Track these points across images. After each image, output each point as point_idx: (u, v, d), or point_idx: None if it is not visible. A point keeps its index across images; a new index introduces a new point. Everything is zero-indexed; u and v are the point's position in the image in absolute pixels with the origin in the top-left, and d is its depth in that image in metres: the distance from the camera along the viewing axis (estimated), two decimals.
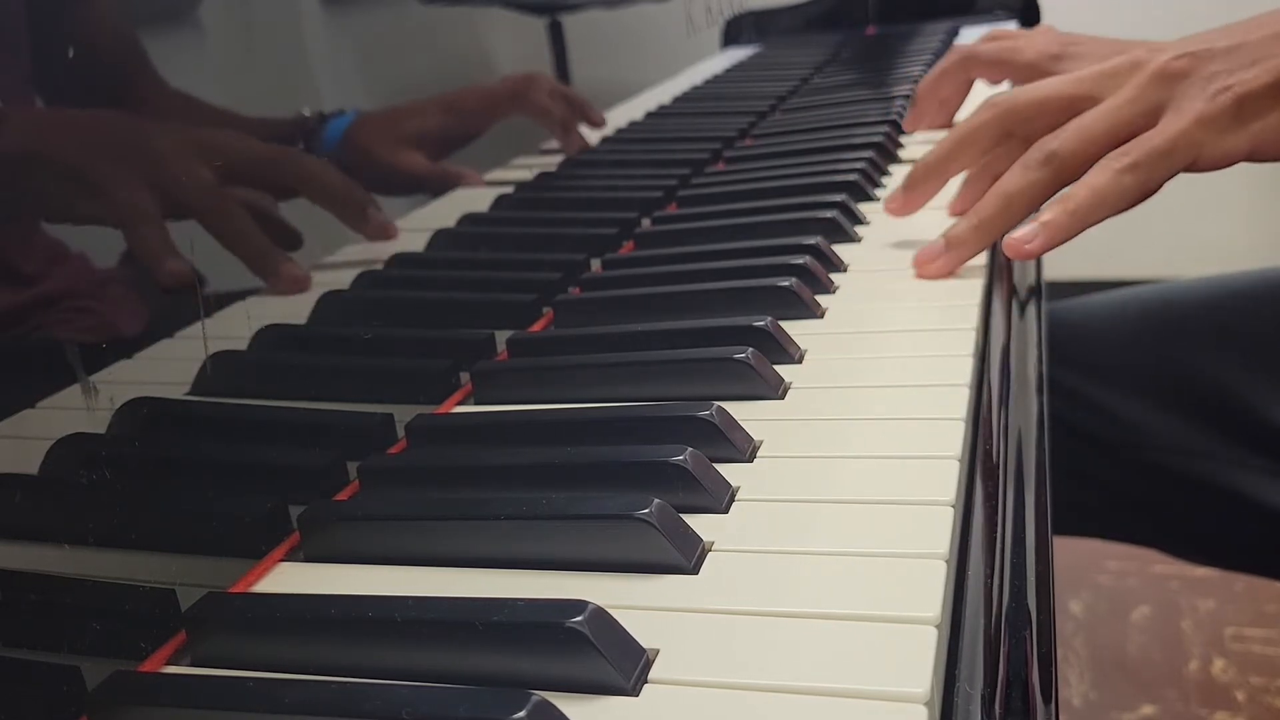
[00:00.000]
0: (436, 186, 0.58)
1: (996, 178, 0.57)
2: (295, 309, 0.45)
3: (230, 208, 0.40)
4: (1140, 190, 0.49)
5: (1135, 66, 0.52)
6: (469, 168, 0.62)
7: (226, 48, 0.44)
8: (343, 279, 0.49)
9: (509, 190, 0.64)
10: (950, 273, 0.53)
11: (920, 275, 0.54)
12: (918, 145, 0.85)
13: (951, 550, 0.32)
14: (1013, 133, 0.56)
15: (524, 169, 0.68)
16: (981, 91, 0.85)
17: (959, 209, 0.60)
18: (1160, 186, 0.50)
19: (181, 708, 0.28)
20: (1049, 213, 0.49)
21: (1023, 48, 0.82)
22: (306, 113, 0.47)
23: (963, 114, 0.87)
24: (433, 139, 0.59)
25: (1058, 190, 0.51)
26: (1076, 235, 0.49)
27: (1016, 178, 0.52)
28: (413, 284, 0.54)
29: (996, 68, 0.83)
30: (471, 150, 0.63)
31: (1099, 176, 0.49)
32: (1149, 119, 0.51)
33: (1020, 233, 0.50)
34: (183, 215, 0.38)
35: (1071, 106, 0.54)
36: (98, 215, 0.35)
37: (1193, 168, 0.50)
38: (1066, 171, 0.51)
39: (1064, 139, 0.51)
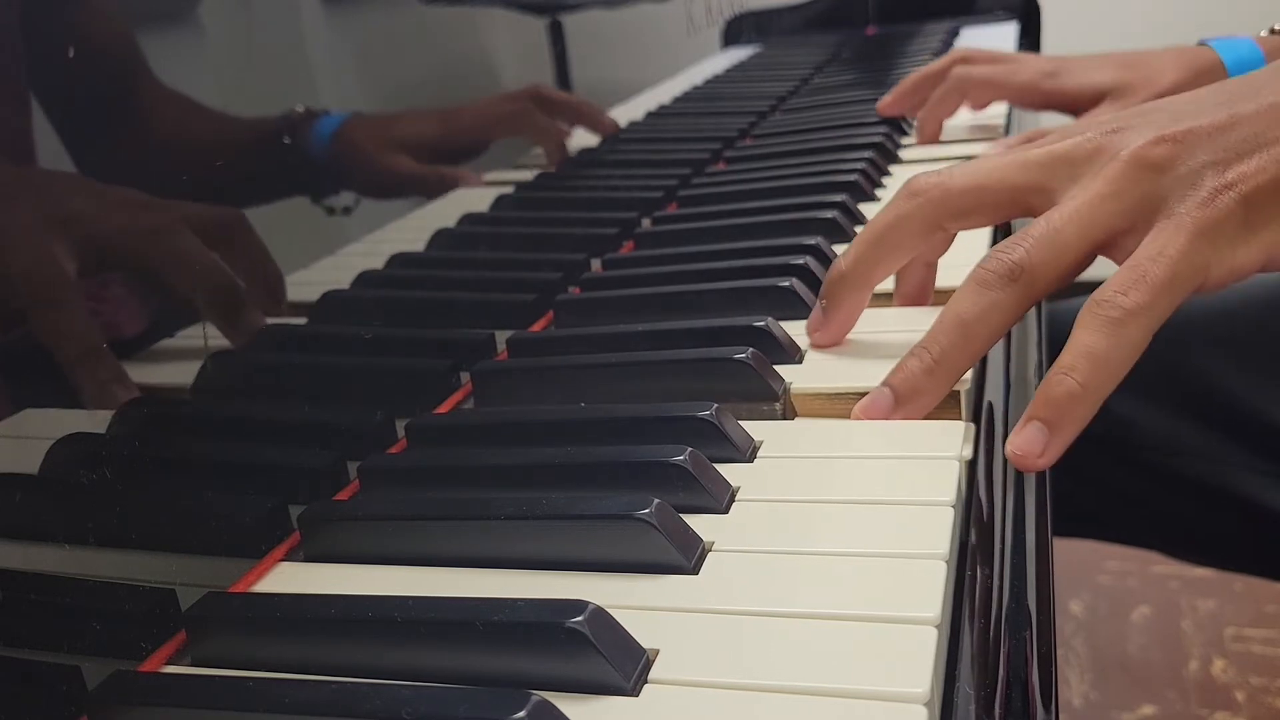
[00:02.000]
0: (434, 189, 0.58)
1: (930, 264, 0.49)
2: (295, 309, 0.45)
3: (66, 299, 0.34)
4: (1147, 336, 0.38)
5: (1097, 152, 0.42)
6: (470, 168, 0.62)
7: (226, 48, 0.44)
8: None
9: (509, 190, 0.64)
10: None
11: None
12: (918, 146, 0.85)
13: (951, 550, 0.32)
14: (944, 228, 0.45)
15: (524, 169, 0.68)
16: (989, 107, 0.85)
17: (900, 304, 0.50)
18: (1163, 322, 0.39)
19: (181, 708, 0.28)
20: (1048, 405, 0.38)
21: (1017, 69, 0.82)
22: (299, 108, 0.47)
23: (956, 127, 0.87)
24: (425, 149, 0.57)
25: (1025, 311, 0.41)
26: (1091, 417, 0.38)
27: (976, 299, 0.40)
28: (413, 284, 0.54)
29: (990, 89, 0.83)
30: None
31: (1096, 336, 0.38)
32: (1130, 220, 0.40)
33: (1025, 443, 0.37)
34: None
35: (1017, 200, 0.43)
36: None
37: (1200, 291, 0.39)
38: (1036, 290, 0.40)
39: (1032, 249, 0.40)
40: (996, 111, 0.90)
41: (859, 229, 0.63)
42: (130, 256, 0.38)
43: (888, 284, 0.52)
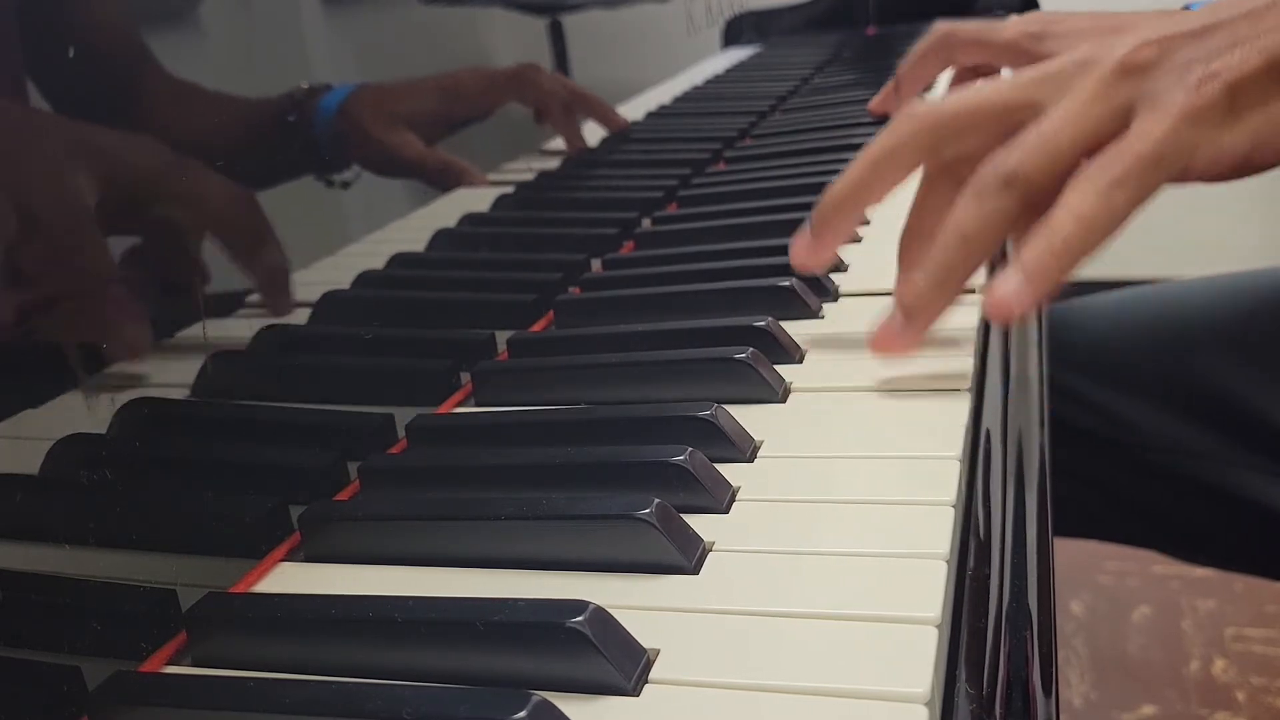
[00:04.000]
0: (436, 177, 0.57)
1: (931, 235, 0.47)
2: (295, 309, 0.45)
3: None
4: (1132, 208, 0.40)
5: (1085, 64, 0.42)
6: (473, 165, 0.62)
7: (226, 48, 0.44)
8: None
9: (510, 190, 0.64)
10: (916, 345, 0.44)
11: (881, 354, 0.45)
12: None
13: (951, 550, 0.32)
14: (939, 152, 0.45)
15: (524, 169, 0.68)
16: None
17: (905, 269, 0.49)
18: (1149, 201, 0.41)
19: (182, 708, 0.28)
20: (1030, 252, 0.39)
21: (1002, 27, 0.80)
22: (304, 85, 0.47)
23: None
24: (430, 118, 0.57)
25: (1025, 219, 0.41)
26: (1069, 276, 0.40)
27: (972, 210, 0.41)
28: (413, 284, 0.54)
29: (975, 47, 0.80)
30: (472, 151, 0.63)
31: (1083, 199, 0.39)
32: (1120, 123, 0.41)
33: (1002, 289, 0.39)
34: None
35: (1009, 116, 0.44)
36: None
37: (1185, 175, 0.41)
38: (1033, 195, 0.41)
39: (1024, 155, 0.41)
40: None
41: (860, 229, 0.63)
42: (162, 195, 0.39)
43: (888, 283, 0.52)
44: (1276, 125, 0.41)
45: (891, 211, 0.61)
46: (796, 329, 0.49)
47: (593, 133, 0.77)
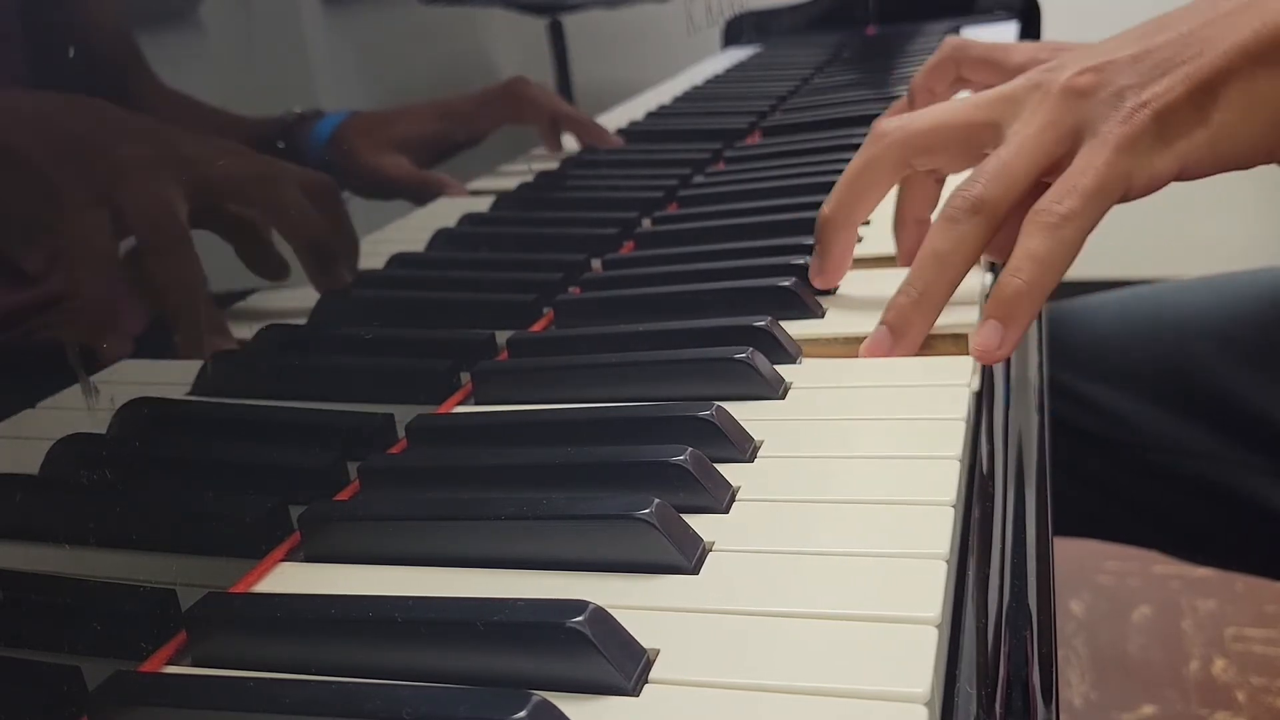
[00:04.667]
0: (420, 194, 0.58)
1: (919, 221, 0.54)
2: (296, 309, 0.45)
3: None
4: (1081, 238, 0.44)
5: (1035, 88, 0.47)
6: (469, 169, 0.62)
7: (226, 48, 0.44)
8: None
9: (493, 199, 0.64)
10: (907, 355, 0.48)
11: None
12: None
13: (952, 550, 0.32)
14: (911, 165, 0.51)
15: (514, 176, 0.68)
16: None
17: (905, 261, 0.55)
18: (1095, 226, 0.45)
19: (182, 708, 0.28)
20: (999, 304, 0.43)
21: (1014, 50, 0.81)
22: (298, 109, 0.47)
23: None
24: (424, 144, 0.58)
25: (989, 239, 0.46)
26: (1038, 312, 0.44)
27: (946, 234, 0.46)
28: (413, 284, 0.54)
29: (986, 68, 0.81)
30: (471, 152, 0.63)
31: (1037, 240, 0.43)
32: (1067, 145, 0.45)
33: (984, 339, 0.43)
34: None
35: (971, 134, 0.49)
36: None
37: (1125, 198, 0.45)
38: (997, 218, 0.46)
39: (988, 183, 0.45)
40: None
41: (860, 229, 0.63)
42: (240, 201, 0.41)
43: (888, 283, 0.52)
44: (1200, 148, 0.45)
45: (892, 215, 0.61)
46: (796, 329, 0.49)
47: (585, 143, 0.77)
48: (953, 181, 0.49)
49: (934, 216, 0.49)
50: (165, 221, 0.36)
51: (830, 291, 0.54)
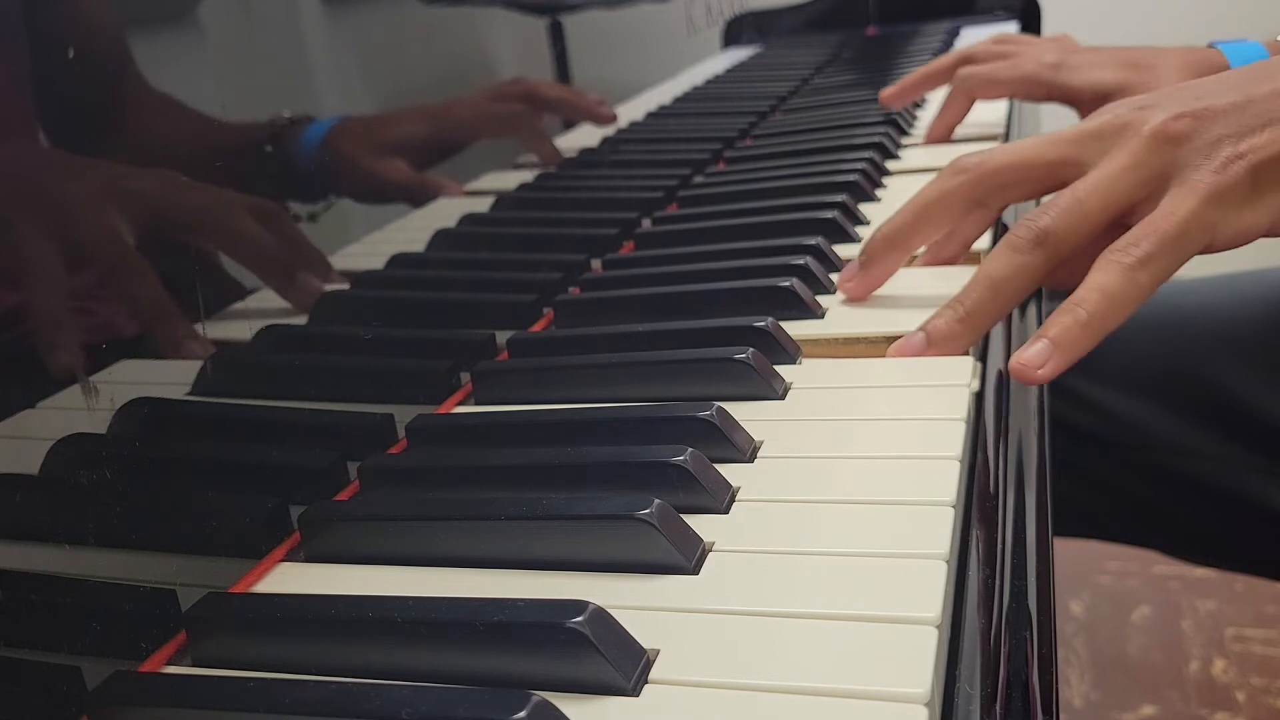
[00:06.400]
0: (415, 196, 0.57)
1: (964, 241, 0.53)
2: (296, 309, 0.45)
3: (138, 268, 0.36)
4: (1155, 284, 0.42)
5: (1124, 128, 0.45)
6: (469, 169, 0.62)
7: (226, 48, 0.44)
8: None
9: (493, 199, 0.64)
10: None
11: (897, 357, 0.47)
12: (919, 147, 0.85)
13: (951, 550, 0.32)
14: (984, 203, 0.50)
15: (514, 176, 0.68)
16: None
17: (928, 261, 0.55)
18: (1172, 275, 0.43)
19: (181, 708, 0.28)
20: (1058, 327, 0.41)
21: (1020, 62, 0.82)
22: (287, 114, 0.47)
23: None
24: (415, 149, 0.57)
25: (1050, 275, 0.45)
26: (1091, 349, 0.42)
27: (1005, 261, 0.44)
28: (413, 284, 0.54)
29: (994, 86, 0.83)
30: (469, 153, 0.63)
31: (1109, 277, 0.42)
32: (1150, 189, 0.44)
33: (1030, 356, 0.42)
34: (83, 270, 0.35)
35: (1052, 174, 0.47)
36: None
37: (1208, 250, 0.44)
38: (1061, 254, 0.44)
39: (1057, 216, 0.44)
40: (997, 119, 0.90)
41: (859, 229, 0.63)
42: (185, 230, 0.40)
43: (889, 293, 0.52)
44: None
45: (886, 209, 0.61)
46: (797, 329, 0.49)
47: (592, 133, 0.77)
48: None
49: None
50: (113, 249, 0.36)
51: (836, 271, 0.54)
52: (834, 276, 0.56)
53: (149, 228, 0.37)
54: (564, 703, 0.26)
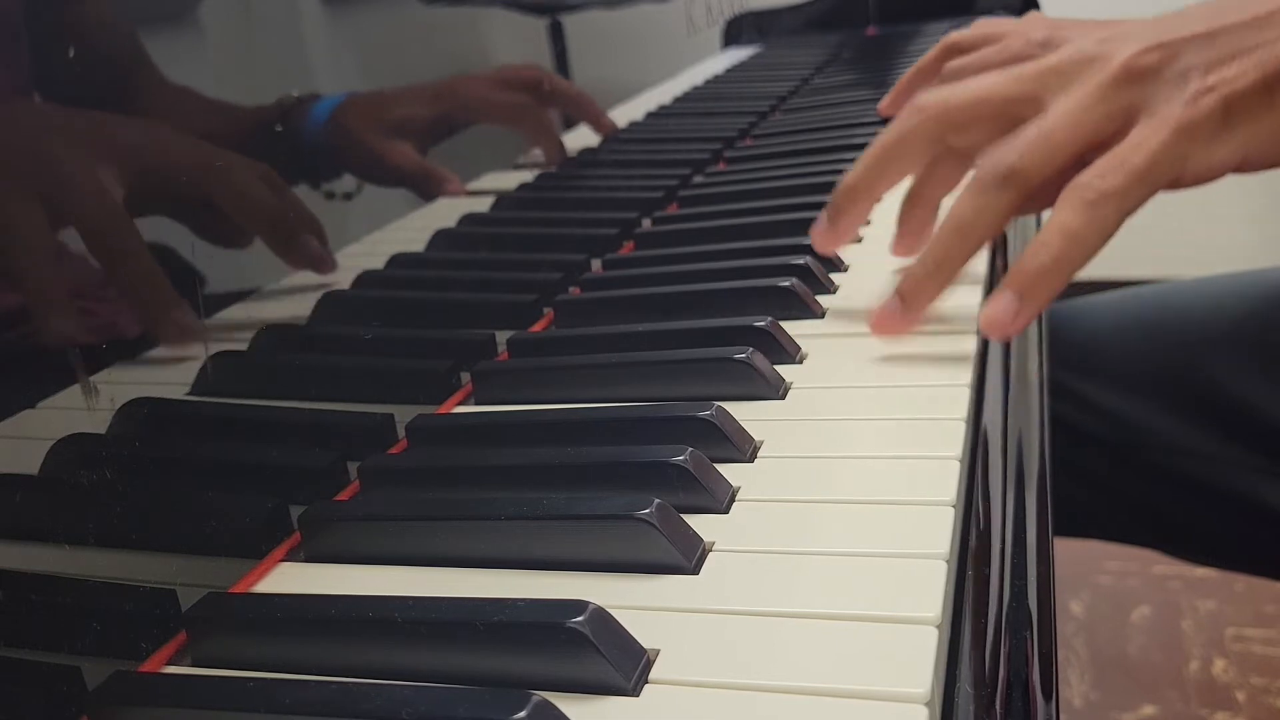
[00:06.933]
0: (420, 185, 0.57)
1: (932, 202, 0.51)
2: (296, 309, 0.45)
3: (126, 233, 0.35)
4: (1120, 219, 0.41)
5: (1089, 61, 0.44)
6: (466, 171, 0.62)
7: (226, 48, 0.44)
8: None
9: (493, 199, 0.64)
10: (913, 327, 0.47)
11: (880, 335, 0.47)
12: None
13: (951, 550, 0.32)
14: (945, 142, 0.48)
15: (514, 176, 0.68)
16: None
17: (901, 251, 0.53)
18: (1137, 209, 0.42)
19: (181, 708, 0.28)
20: (1021, 276, 0.41)
21: (1009, 43, 0.81)
22: (295, 93, 0.47)
23: None
24: (421, 126, 0.57)
25: (1019, 213, 0.44)
26: (1061, 290, 0.41)
27: (971, 203, 0.43)
28: (413, 284, 0.54)
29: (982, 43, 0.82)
30: (465, 155, 0.63)
31: (1072, 214, 0.40)
32: (1117, 124, 0.42)
33: (999, 310, 0.41)
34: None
35: (1009, 109, 0.45)
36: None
37: (1176, 185, 0.42)
38: (1028, 191, 0.43)
39: (1024, 152, 0.42)
40: None
41: (860, 229, 0.63)
42: (185, 189, 0.39)
43: (888, 284, 0.52)
44: (1265, 139, 0.42)
45: (893, 215, 0.62)
46: (796, 329, 0.49)
47: (593, 134, 0.77)
48: None
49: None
50: (105, 211, 0.35)
51: (836, 271, 0.54)
52: (834, 277, 0.56)
53: (144, 183, 0.36)
54: (564, 703, 0.26)
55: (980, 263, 0.53)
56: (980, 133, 0.47)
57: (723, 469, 0.37)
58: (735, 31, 1.23)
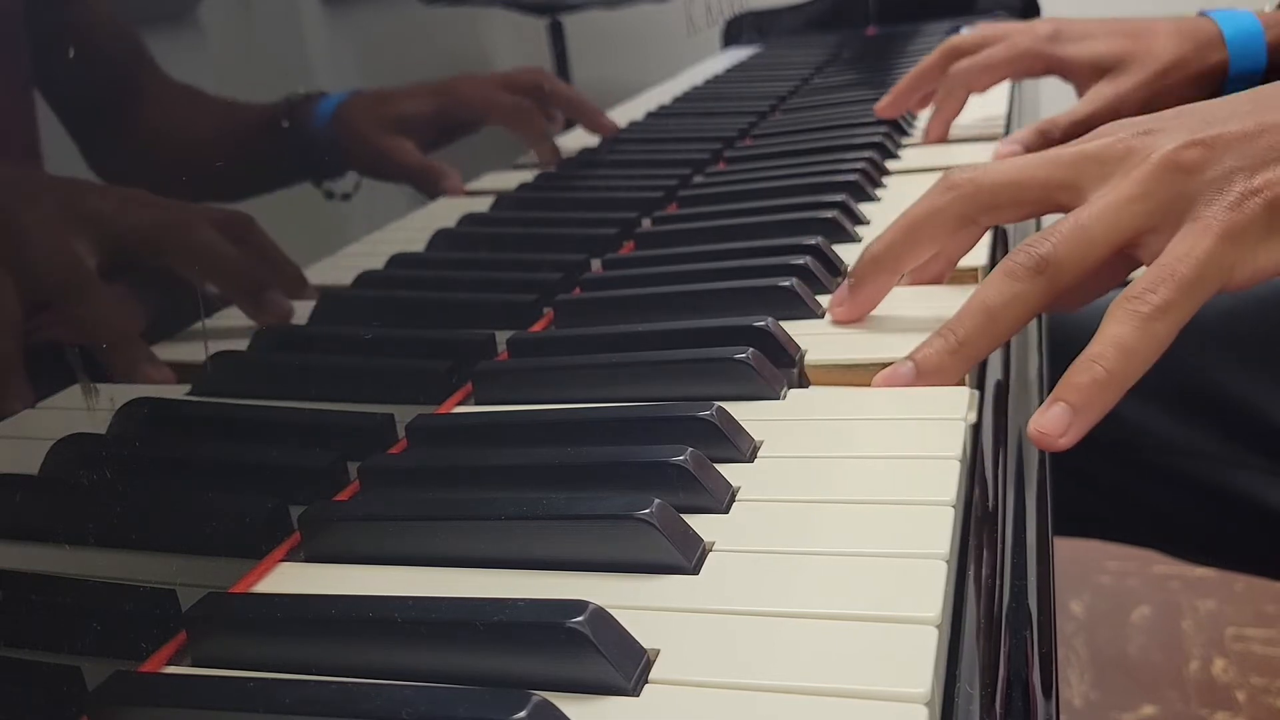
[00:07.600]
0: (422, 183, 0.57)
1: (950, 259, 0.51)
2: (296, 308, 0.45)
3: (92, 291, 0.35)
4: (1173, 332, 0.40)
5: (1128, 154, 0.43)
6: (466, 171, 0.62)
7: (226, 48, 0.44)
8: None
9: (493, 199, 0.64)
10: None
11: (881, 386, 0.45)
12: (919, 146, 0.85)
13: (951, 550, 0.32)
14: (976, 221, 0.47)
15: (514, 176, 0.68)
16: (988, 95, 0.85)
17: (913, 281, 0.52)
18: (1189, 319, 0.41)
19: (181, 708, 0.28)
20: (1076, 390, 0.39)
21: (1014, 40, 0.81)
22: (302, 90, 0.47)
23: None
24: (425, 125, 0.57)
25: (1048, 305, 0.42)
26: (1114, 405, 0.39)
27: (1002, 288, 0.42)
28: (413, 284, 0.54)
29: (989, 73, 0.82)
30: (465, 155, 0.63)
31: (1125, 328, 0.39)
32: (1156, 221, 0.41)
33: (1049, 423, 0.39)
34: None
35: (1047, 196, 0.45)
36: None
37: (1223, 290, 0.41)
38: (1062, 283, 0.42)
39: (1059, 244, 0.41)
40: (997, 113, 0.90)
41: (859, 229, 0.63)
42: (148, 251, 0.39)
43: (889, 308, 0.52)
44: None
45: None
46: (797, 329, 0.49)
47: (590, 133, 0.77)
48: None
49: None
50: (72, 275, 0.35)
51: (837, 272, 0.54)
52: (835, 277, 0.56)
53: (108, 249, 0.36)
54: (564, 703, 0.26)
55: (979, 256, 0.54)
56: (1011, 215, 0.47)
57: (723, 469, 0.37)
58: (735, 31, 1.23)
